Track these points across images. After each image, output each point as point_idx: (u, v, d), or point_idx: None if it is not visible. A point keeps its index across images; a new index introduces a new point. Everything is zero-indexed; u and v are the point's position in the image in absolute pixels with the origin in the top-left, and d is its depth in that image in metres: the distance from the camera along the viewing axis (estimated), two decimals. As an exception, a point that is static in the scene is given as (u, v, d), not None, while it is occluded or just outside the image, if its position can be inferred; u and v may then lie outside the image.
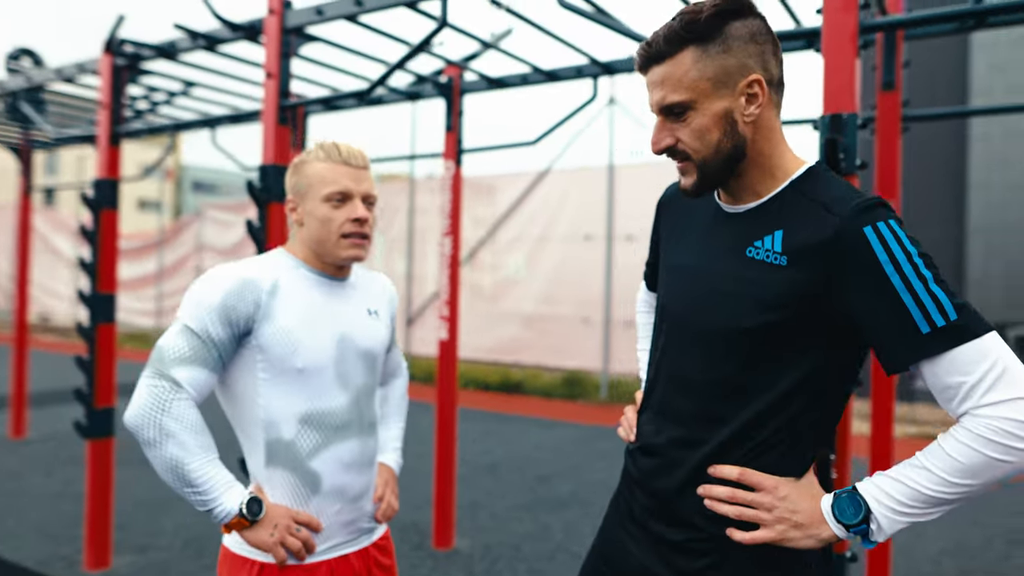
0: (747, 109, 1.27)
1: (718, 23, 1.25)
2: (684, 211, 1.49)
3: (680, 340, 1.39)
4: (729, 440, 1.30)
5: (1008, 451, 1.12)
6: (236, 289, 1.54)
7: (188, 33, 3.57)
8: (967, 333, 1.14)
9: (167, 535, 4.52)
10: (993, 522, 5.04)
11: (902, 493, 1.19)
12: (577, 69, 4.10)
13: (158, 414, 1.46)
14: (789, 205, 1.28)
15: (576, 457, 6.71)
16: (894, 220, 1.19)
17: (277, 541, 1.51)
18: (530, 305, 10.23)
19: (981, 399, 1.13)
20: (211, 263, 13.87)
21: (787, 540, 1.24)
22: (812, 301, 1.23)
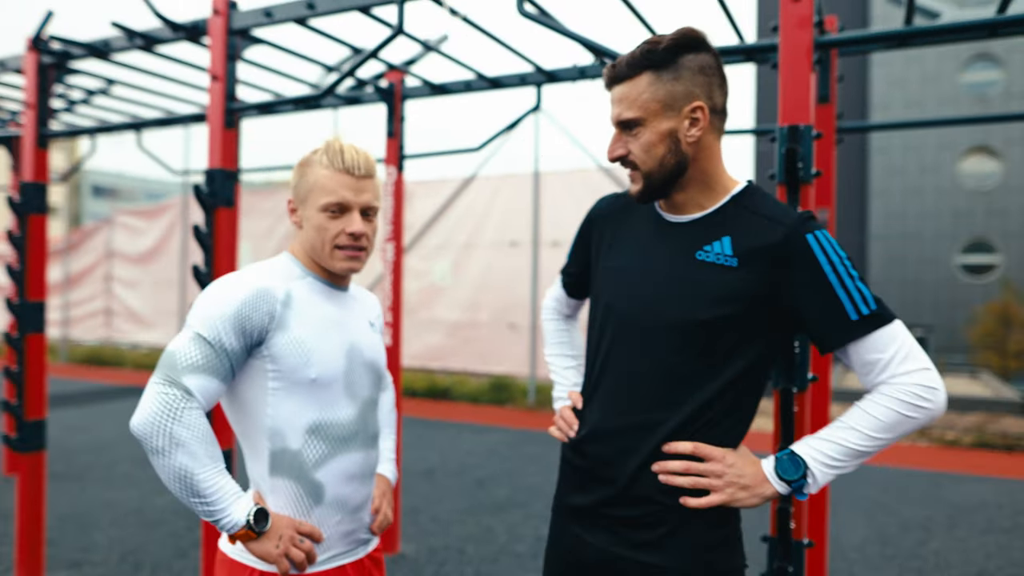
0: (689, 131, 1.48)
1: (673, 55, 1.46)
2: (620, 221, 1.67)
3: (631, 335, 1.54)
4: (684, 421, 1.49)
5: (917, 409, 1.39)
6: (251, 299, 1.51)
7: (125, 32, 3.45)
8: (883, 320, 1.42)
9: (101, 550, 4.35)
10: (909, 512, 5.36)
11: (833, 450, 1.43)
12: (521, 77, 4.15)
13: (169, 422, 1.41)
14: (733, 216, 1.51)
15: (510, 461, 6.76)
16: (826, 231, 1.46)
17: (282, 553, 1.49)
18: (456, 311, 10.23)
19: (895, 370, 1.40)
20: (122, 271, 13.38)
21: (736, 501, 1.46)
22: (760, 296, 1.45)
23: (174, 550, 4.36)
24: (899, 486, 6.11)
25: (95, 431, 7.81)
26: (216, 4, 3.21)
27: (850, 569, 4.22)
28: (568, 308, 1.95)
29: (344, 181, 1.58)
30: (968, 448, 7.91)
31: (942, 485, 6.14)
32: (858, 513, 5.31)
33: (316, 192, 1.60)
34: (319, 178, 1.59)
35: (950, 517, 5.25)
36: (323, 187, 1.59)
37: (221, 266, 3.19)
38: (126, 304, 13.41)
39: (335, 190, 1.58)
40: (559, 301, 1.94)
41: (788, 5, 2.20)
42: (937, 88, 28.30)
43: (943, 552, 4.54)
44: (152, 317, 13.04)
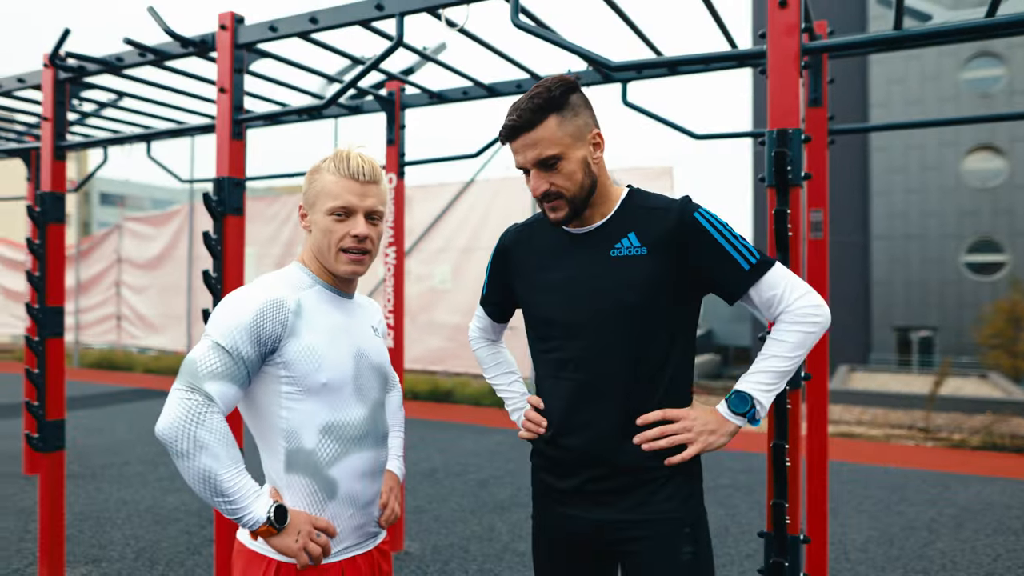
0: (595, 154, 1.76)
1: (565, 96, 1.71)
2: (529, 247, 1.91)
3: (577, 335, 1.77)
4: (643, 394, 1.74)
5: (813, 324, 1.70)
6: (265, 310, 1.60)
7: (137, 48, 3.56)
8: (768, 265, 1.73)
9: (117, 546, 4.48)
10: (915, 513, 5.39)
11: (766, 377, 1.72)
12: (517, 84, 4.24)
13: (192, 426, 1.49)
14: (630, 215, 1.78)
15: (512, 462, 6.84)
16: (705, 207, 1.76)
17: (301, 547, 1.58)
18: (457, 315, 10.31)
19: (788, 300, 1.71)
20: (131, 277, 13.51)
21: (710, 445, 1.72)
22: (671, 272, 1.72)
23: (187, 547, 4.48)
24: (905, 487, 6.15)
25: (109, 433, 7.93)
26: (223, 20, 3.32)
27: (854, 569, 4.28)
28: (494, 333, 2.16)
29: (349, 186, 1.68)
30: (976, 449, 7.93)
31: (949, 486, 6.15)
32: (863, 514, 5.36)
33: (323, 197, 1.69)
34: (326, 184, 1.69)
35: (956, 518, 5.26)
36: (329, 192, 1.69)
37: (230, 271, 3.30)
38: (135, 309, 13.55)
39: (340, 194, 1.68)
40: (485, 330, 2.15)
41: (776, 12, 2.28)
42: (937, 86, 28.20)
43: (949, 553, 4.56)
44: (160, 321, 13.17)
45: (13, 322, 14.91)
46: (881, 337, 28.61)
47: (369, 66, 3.12)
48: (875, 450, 7.98)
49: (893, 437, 8.49)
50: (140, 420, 8.80)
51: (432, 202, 10.50)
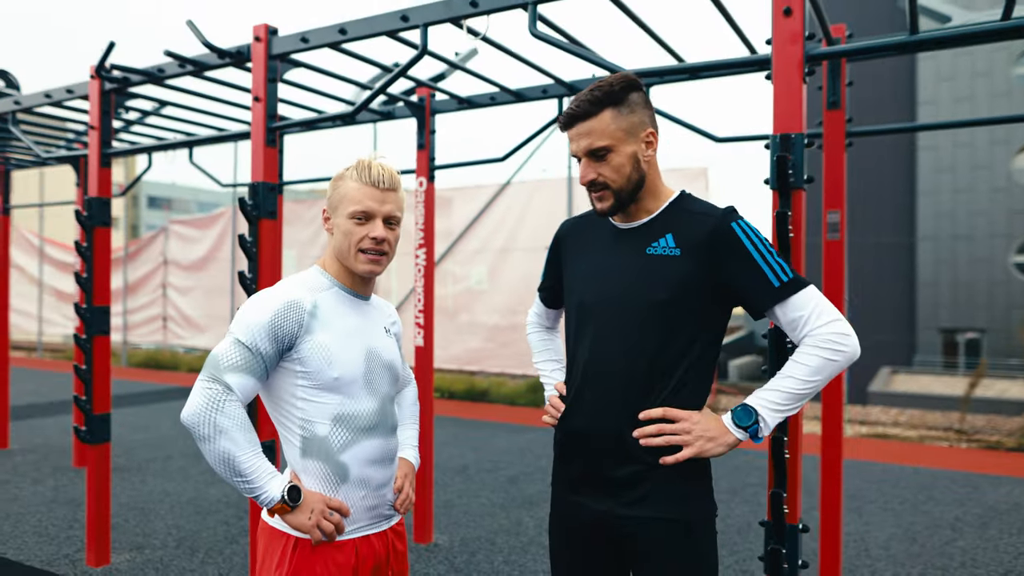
0: (646, 152, 1.82)
1: (625, 93, 1.79)
2: (580, 237, 2.00)
3: (601, 323, 1.84)
4: (654, 391, 1.78)
5: (836, 353, 1.69)
6: (283, 310, 1.74)
7: (177, 59, 3.74)
8: (800, 285, 1.73)
9: (160, 535, 4.70)
10: (940, 512, 5.38)
11: (776, 396, 1.73)
12: (543, 89, 4.35)
13: (213, 413, 1.64)
14: (673, 217, 1.84)
15: (543, 459, 6.94)
16: (745, 220, 1.78)
17: (314, 524, 1.72)
18: (493, 315, 10.44)
19: (814, 324, 1.71)
20: (177, 279, 13.91)
21: (705, 452, 1.74)
22: (701, 277, 1.76)
23: (225, 536, 4.67)
24: (933, 487, 6.11)
25: (153, 429, 8.22)
26: (257, 32, 3.48)
27: (873, 566, 4.30)
28: (548, 320, 2.26)
29: (370, 193, 1.83)
30: (1011, 451, 7.83)
31: (979, 487, 6.11)
32: (888, 512, 5.36)
33: (345, 202, 1.84)
34: (349, 190, 1.84)
35: (982, 517, 5.25)
36: (351, 198, 1.83)
37: (265, 273, 3.45)
38: (180, 310, 13.95)
39: (361, 200, 1.82)
40: (540, 315, 2.25)
41: (780, 20, 2.34)
42: (989, 82, 27.53)
43: (970, 551, 4.57)
44: (204, 322, 13.54)
45: (64, 322, 15.48)
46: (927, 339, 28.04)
47: (396, 74, 3.26)
48: (908, 450, 7.91)
49: (927, 438, 8.40)
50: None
51: (470, 203, 10.66)
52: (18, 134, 4.93)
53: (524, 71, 4.33)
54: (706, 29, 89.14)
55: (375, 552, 1.87)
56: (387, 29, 3.19)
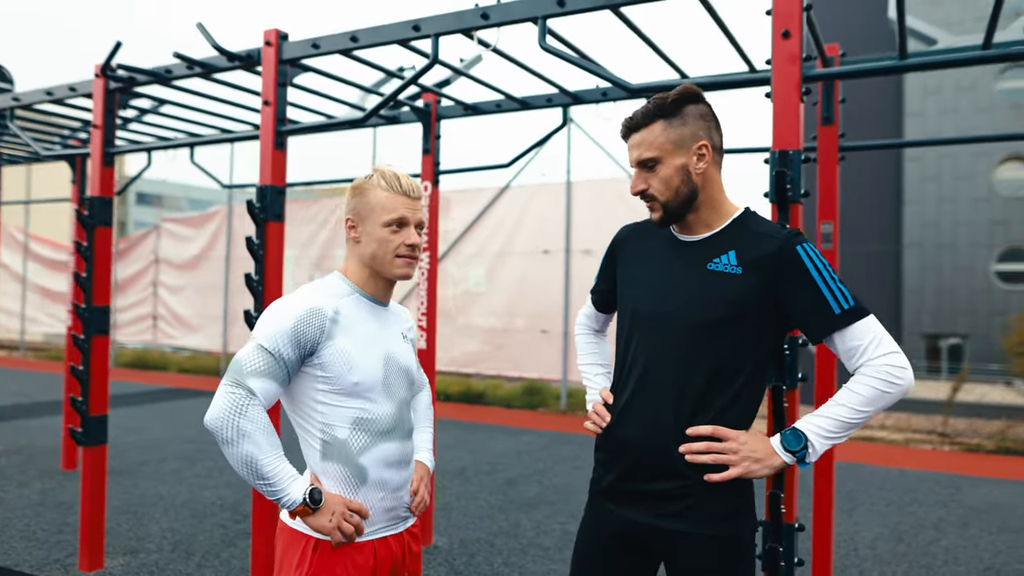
0: (697, 165, 1.82)
1: (678, 105, 1.81)
2: (640, 244, 2.00)
3: (655, 335, 1.84)
4: (702, 407, 1.78)
5: (891, 385, 1.68)
6: (305, 317, 1.78)
7: (186, 61, 3.79)
8: (861, 314, 1.72)
9: (154, 539, 4.69)
10: (924, 513, 5.52)
11: (827, 423, 1.73)
12: (547, 98, 4.42)
13: (236, 417, 1.68)
14: (736, 234, 1.83)
15: (541, 462, 7.01)
16: (811, 243, 1.78)
17: (335, 526, 1.77)
18: (491, 318, 10.51)
19: (871, 355, 1.70)
20: (168, 277, 13.88)
21: (750, 472, 1.74)
22: (761, 297, 1.76)
23: (222, 540, 4.69)
24: (918, 488, 6.25)
25: (145, 431, 8.22)
26: (268, 36, 3.54)
27: (861, 565, 4.41)
28: (598, 323, 2.26)
29: (403, 202, 1.89)
30: (990, 453, 8.00)
31: (961, 488, 6.28)
32: (875, 513, 5.48)
33: (379, 211, 1.88)
34: (381, 199, 1.89)
35: (963, 517, 5.40)
36: (385, 207, 1.88)
37: (271, 275, 3.51)
38: (172, 309, 13.92)
39: (396, 208, 1.88)
40: (590, 317, 2.25)
41: (779, 42, 2.43)
42: (973, 96, 27.93)
43: (953, 550, 4.71)
44: (197, 321, 13.53)
45: (49, 321, 15.38)
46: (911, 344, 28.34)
47: (407, 83, 3.32)
48: (894, 453, 8.05)
49: (912, 441, 8.57)
50: (177, 418, 9.09)
51: (469, 206, 10.72)
52: (16, 130, 4.95)
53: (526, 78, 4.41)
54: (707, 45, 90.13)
55: (392, 553, 1.92)
56: (399, 38, 3.25)
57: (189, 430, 8.28)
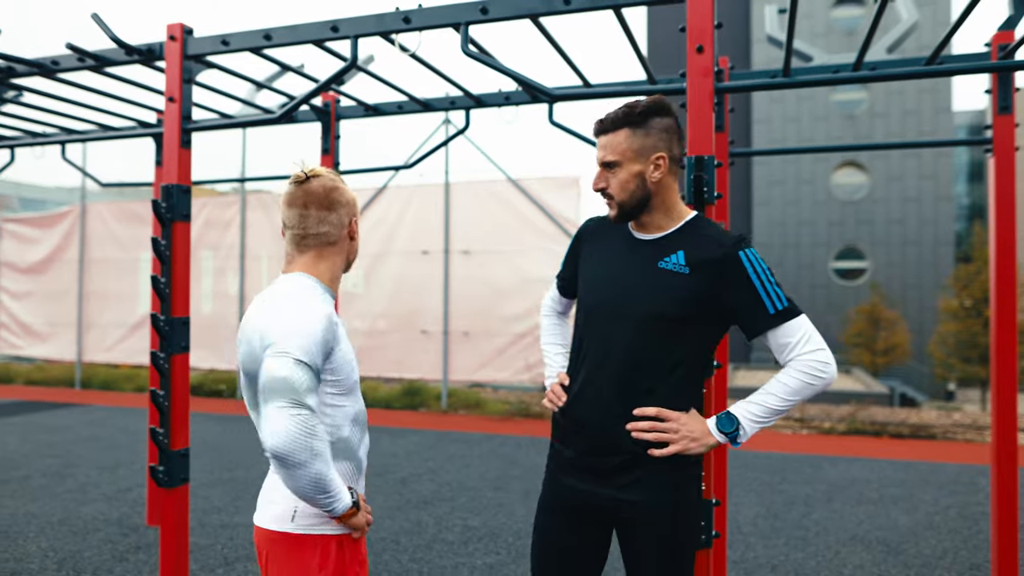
0: (653, 174, 2.01)
1: (646, 117, 2.00)
2: (601, 238, 2.19)
3: (608, 326, 2.02)
4: (649, 391, 1.97)
5: (816, 378, 1.89)
6: (327, 325, 1.79)
7: (77, 52, 3.61)
8: (792, 314, 1.93)
9: (36, 559, 4.42)
10: (793, 490, 6.00)
11: (757, 409, 1.94)
12: (451, 101, 4.50)
13: (309, 439, 1.65)
14: (686, 236, 2.02)
15: (431, 461, 7.06)
16: (753, 249, 1.97)
17: (365, 520, 1.86)
18: (369, 319, 10.42)
19: (800, 350, 1.91)
20: (11, 283, 12.84)
21: (688, 450, 1.95)
22: (705, 295, 1.94)
23: (112, 555, 4.47)
24: (784, 469, 6.78)
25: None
26: (172, 31, 3.42)
27: (746, 540, 4.77)
28: (561, 306, 2.46)
29: None
30: (842, 435, 8.76)
31: (821, 467, 6.86)
32: (751, 493, 5.91)
33: (355, 210, 2.01)
34: (354, 199, 2.01)
35: (828, 493, 5.93)
36: (357, 205, 2.02)
37: (179, 276, 3.41)
38: (16, 317, 12.89)
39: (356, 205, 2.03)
40: (554, 300, 2.45)
41: (694, 57, 2.62)
42: (811, 105, 30.29)
43: (822, 522, 5.18)
44: (46, 330, 12.59)
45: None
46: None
47: (322, 85, 3.32)
48: (759, 438, 8.65)
49: (774, 426, 9.24)
50: (33, 432, 8.46)
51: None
52: None
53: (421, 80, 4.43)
54: (608, 58, 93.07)
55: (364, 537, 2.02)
56: (316, 38, 3.24)
57: (50, 444, 7.74)
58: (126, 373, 12.54)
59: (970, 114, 40.73)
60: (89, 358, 12.23)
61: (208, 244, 11.42)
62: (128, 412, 9.89)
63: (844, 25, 30.11)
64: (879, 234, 29.85)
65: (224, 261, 11.41)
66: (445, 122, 9.82)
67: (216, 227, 11.39)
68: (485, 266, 9.82)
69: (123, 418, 9.43)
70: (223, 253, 11.42)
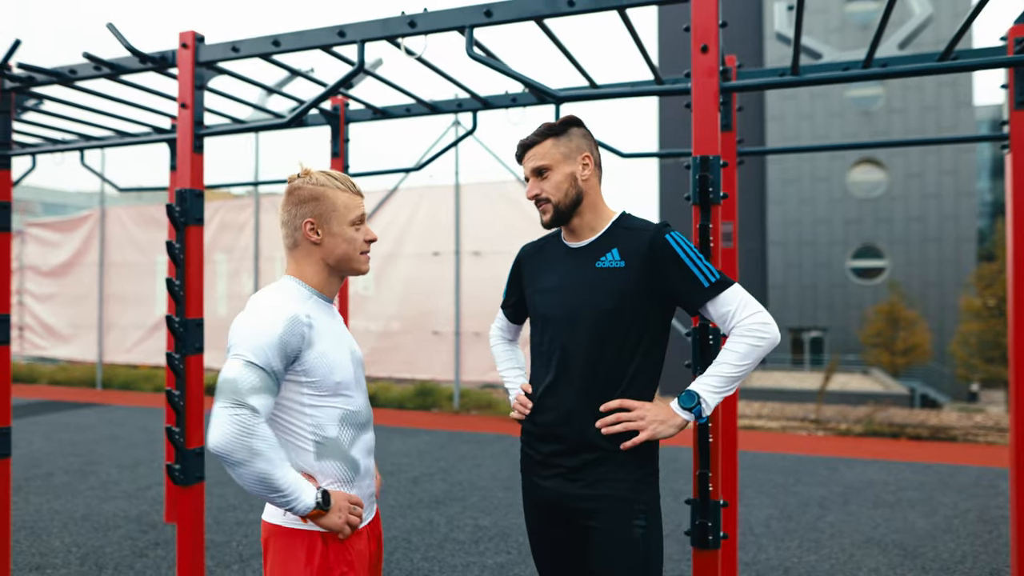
0: (582, 173, 2.16)
1: (566, 127, 2.18)
2: (540, 257, 2.31)
3: (563, 332, 2.13)
4: (610, 386, 2.07)
5: (761, 339, 1.98)
6: (289, 327, 1.81)
7: (93, 61, 3.68)
8: (726, 284, 2.03)
9: (60, 554, 4.52)
10: (808, 492, 5.98)
11: (714, 381, 2.02)
12: (459, 103, 4.53)
13: (246, 438, 1.69)
14: (616, 234, 2.15)
15: (442, 460, 7.11)
16: (678, 232, 2.09)
17: (344, 522, 1.85)
18: (381, 320, 10.48)
19: (740, 316, 2.00)
20: (35, 285, 13.04)
21: (658, 434, 2.02)
22: (643, 283, 2.05)
23: (132, 550, 4.56)
24: (799, 470, 6.76)
25: (23, 446, 7.74)
26: (184, 39, 3.48)
27: (758, 542, 4.77)
28: (510, 333, 2.57)
29: (359, 200, 2.03)
30: (859, 436, 8.72)
31: (837, 469, 6.82)
32: (764, 495, 5.90)
33: (343, 211, 1.98)
34: (344, 200, 1.99)
35: (843, 495, 5.89)
36: (348, 206, 1.99)
37: (192, 279, 3.46)
38: (40, 319, 13.08)
39: (356, 207, 2.01)
40: (503, 329, 2.56)
41: (699, 56, 2.63)
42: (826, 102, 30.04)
43: (837, 524, 5.15)
44: (69, 331, 12.77)
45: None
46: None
47: (331, 89, 3.36)
48: (774, 440, 8.65)
49: (789, 428, 9.22)
50: (57, 431, 8.60)
51: (354, 209, 10.63)
52: None
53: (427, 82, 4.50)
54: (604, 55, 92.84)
55: (377, 533, 2.05)
56: (323, 43, 3.28)
57: (73, 443, 7.87)
58: (145, 373, 12.69)
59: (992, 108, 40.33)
60: (109, 359, 12.39)
61: (222, 247, 11.53)
62: (147, 412, 10.02)
63: (859, 20, 29.88)
64: (898, 232, 29.57)
65: (238, 263, 11.52)
66: (455, 123, 9.87)
67: (230, 230, 11.50)
68: (496, 267, 9.86)
69: (142, 417, 9.56)
70: (237, 255, 11.54)
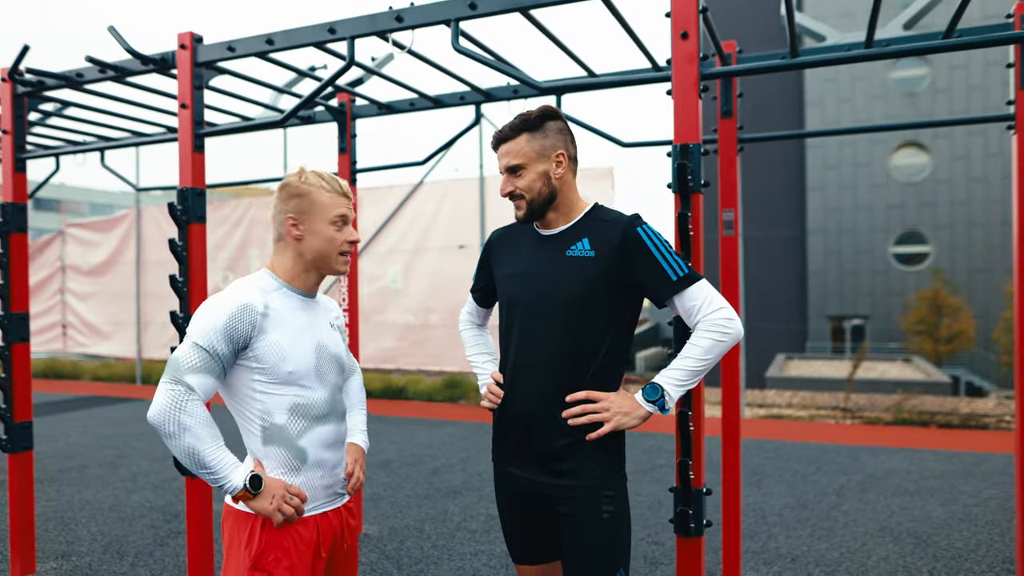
0: (556, 171, 2.15)
1: (542, 121, 2.15)
2: (510, 243, 2.31)
3: (530, 318, 2.14)
4: (577, 376, 2.08)
5: (723, 335, 2.01)
6: (237, 313, 1.89)
7: (98, 64, 3.78)
8: (693, 279, 2.05)
9: (85, 542, 4.68)
10: (827, 481, 5.90)
11: (677, 374, 2.05)
12: (461, 96, 4.56)
13: (177, 412, 1.79)
14: (588, 225, 2.16)
15: (463, 452, 7.17)
16: (649, 225, 2.10)
17: (275, 508, 1.90)
18: (409, 313, 10.57)
19: (705, 312, 2.03)
20: (76, 284, 13.43)
21: (622, 425, 2.05)
22: (612, 274, 2.07)
23: (154, 540, 4.69)
24: (821, 459, 6.67)
25: (62, 439, 8.01)
26: (183, 40, 3.56)
27: (769, 530, 4.73)
28: (479, 318, 2.56)
29: (344, 201, 2.06)
30: (888, 425, 8.56)
31: (860, 457, 6.72)
32: (782, 484, 5.84)
33: (323, 210, 2.02)
34: (325, 199, 2.03)
35: (862, 484, 5.80)
36: (328, 206, 2.03)
37: (195, 276, 3.55)
38: (81, 316, 13.46)
39: (338, 207, 2.05)
40: (472, 314, 2.56)
41: (679, 43, 2.61)
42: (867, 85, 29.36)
43: (852, 513, 5.08)
44: (109, 328, 13.13)
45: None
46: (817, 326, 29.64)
47: (323, 85, 3.40)
48: (800, 428, 8.53)
49: (817, 417, 9.09)
50: (94, 425, 8.87)
51: (381, 204, 10.73)
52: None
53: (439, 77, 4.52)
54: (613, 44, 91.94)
55: (332, 526, 2.07)
56: (314, 40, 3.33)
57: (108, 437, 8.11)
58: (183, 369, 12.97)
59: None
60: (148, 355, 12.69)
61: (256, 243, 11.72)
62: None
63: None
64: (942, 217, 28.85)
65: (271, 258, 11.69)
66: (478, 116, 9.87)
67: (261, 225, 11.68)
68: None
69: (177, 412, 9.77)
70: (269, 251, 11.71)
